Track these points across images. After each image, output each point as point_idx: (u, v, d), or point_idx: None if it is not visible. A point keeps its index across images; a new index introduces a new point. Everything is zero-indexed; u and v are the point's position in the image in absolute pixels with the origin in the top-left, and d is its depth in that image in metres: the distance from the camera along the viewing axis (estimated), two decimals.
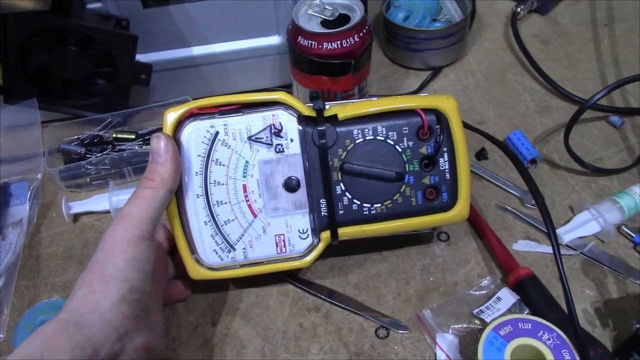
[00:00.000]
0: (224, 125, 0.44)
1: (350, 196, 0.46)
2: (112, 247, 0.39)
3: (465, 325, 0.48)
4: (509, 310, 0.47)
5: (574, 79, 0.69)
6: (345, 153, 0.45)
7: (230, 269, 0.47)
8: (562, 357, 0.39)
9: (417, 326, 0.48)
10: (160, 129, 0.63)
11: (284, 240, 0.46)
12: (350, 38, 0.54)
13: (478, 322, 0.48)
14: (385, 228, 0.47)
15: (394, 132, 0.45)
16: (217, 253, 0.46)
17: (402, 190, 0.46)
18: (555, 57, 0.73)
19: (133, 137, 0.62)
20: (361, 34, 0.54)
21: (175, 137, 0.44)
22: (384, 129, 0.45)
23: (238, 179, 0.45)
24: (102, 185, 0.60)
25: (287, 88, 0.68)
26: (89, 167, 0.59)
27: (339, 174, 0.46)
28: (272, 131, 0.44)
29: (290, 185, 0.45)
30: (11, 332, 0.48)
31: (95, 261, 0.38)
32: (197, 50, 0.64)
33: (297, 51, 0.56)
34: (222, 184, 0.45)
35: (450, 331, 0.47)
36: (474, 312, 0.48)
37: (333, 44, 0.54)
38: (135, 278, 0.38)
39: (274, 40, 0.65)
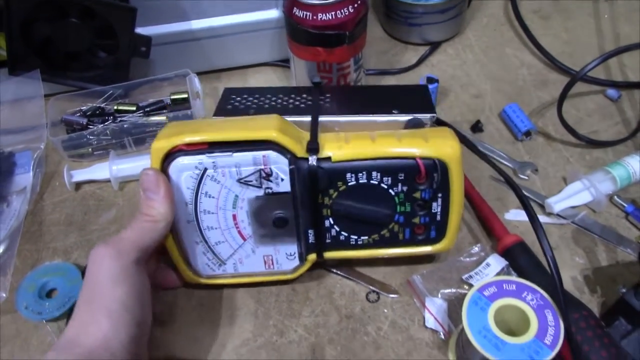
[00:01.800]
0: (213, 163, 0.42)
1: (338, 229, 0.46)
2: (109, 278, 0.38)
3: (454, 290, 0.49)
4: (497, 276, 0.48)
5: (572, 54, 0.69)
6: (336, 193, 0.44)
7: (222, 277, 0.48)
8: (545, 316, 0.40)
9: (407, 291, 0.49)
10: (159, 102, 0.65)
11: (272, 260, 0.47)
12: (345, 9, 0.54)
13: (467, 287, 0.48)
14: (371, 254, 0.48)
15: (389, 178, 0.44)
16: (209, 266, 0.47)
17: (390, 227, 0.46)
18: (555, 32, 0.73)
19: (134, 109, 0.63)
20: (356, 5, 0.55)
21: (163, 168, 0.43)
22: (378, 174, 0.43)
23: (228, 210, 0.44)
24: (103, 155, 0.61)
25: (285, 62, 0.69)
26: (90, 137, 0.60)
27: (329, 210, 0.45)
28: (262, 176, 0.43)
29: (279, 224, 0.45)
30: (13, 292, 0.50)
31: (96, 291, 0.38)
32: (197, 24, 0.65)
33: (292, 22, 0.56)
34: (212, 213, 0.45)
35: (439, 296, 0.48)
36: (463, 277, 0.49)
37: (328, 14, 0.54)
38: (138, 311, 0.39)
39: (273, 14, 0.65)
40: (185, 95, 0.64)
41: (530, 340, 0.39)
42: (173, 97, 0.64)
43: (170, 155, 0.42)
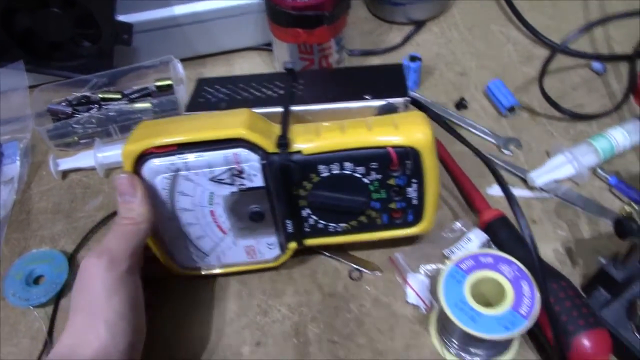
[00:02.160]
0: (185, 163, 0.42)
1: (316, 218, 0.46)
2: (104, 289, 0.38)
3: (435, 266, 0.49)
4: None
5: (558, 29, 0.69)
6: (310, 185, 0.44)
7: (207, 269, 0.49)
8: (521, 287, 0.40)
9: (389, 268, 0.49)
10: (144, 89, 0.65)
11: (253, 250, 0.48)
12: None
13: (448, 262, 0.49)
14: (351, 239, 0.48)
15: (362, 167, 0.43)
16: (193, 259, 0.48)
17: (367, 213, 0.46)
18: (540, 7, 0.72)
19: (119, 96, 0.63)
20: None
21: (137, 170, 0.43)
22: (351, 164, 0.43)
23: (205, 206, 0.45)
24: (89, 144, 0.61)
25: (269, 46, 0.69)
26: (76, 126, 0.60)
27: (305, 201, 0.45)
28: (234, 173, 0.43)
29: (255, 218, 0.45)
30: (1, 280, 0.50)
31: (91, 302, 0.38)
32: (179, 10, 0.65)
33: (272, 4, 0.56)
34: (190, 210, 0.45)
35: (421, 271, 0.48)
36: (444, 252, 0.49)
37: None
38: (134, 319, 0.39)
39: None
40: (169, 82, 0.64)
41: (506, 311, 0.39)
42: (157, 84, 0.64)
43: (142, 157, 0.42)
